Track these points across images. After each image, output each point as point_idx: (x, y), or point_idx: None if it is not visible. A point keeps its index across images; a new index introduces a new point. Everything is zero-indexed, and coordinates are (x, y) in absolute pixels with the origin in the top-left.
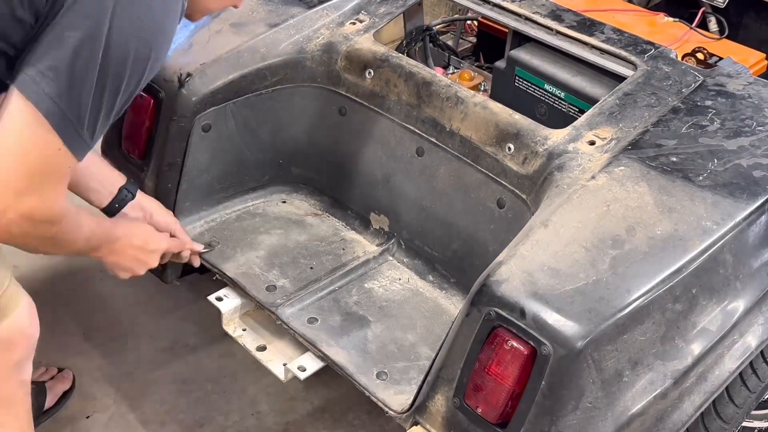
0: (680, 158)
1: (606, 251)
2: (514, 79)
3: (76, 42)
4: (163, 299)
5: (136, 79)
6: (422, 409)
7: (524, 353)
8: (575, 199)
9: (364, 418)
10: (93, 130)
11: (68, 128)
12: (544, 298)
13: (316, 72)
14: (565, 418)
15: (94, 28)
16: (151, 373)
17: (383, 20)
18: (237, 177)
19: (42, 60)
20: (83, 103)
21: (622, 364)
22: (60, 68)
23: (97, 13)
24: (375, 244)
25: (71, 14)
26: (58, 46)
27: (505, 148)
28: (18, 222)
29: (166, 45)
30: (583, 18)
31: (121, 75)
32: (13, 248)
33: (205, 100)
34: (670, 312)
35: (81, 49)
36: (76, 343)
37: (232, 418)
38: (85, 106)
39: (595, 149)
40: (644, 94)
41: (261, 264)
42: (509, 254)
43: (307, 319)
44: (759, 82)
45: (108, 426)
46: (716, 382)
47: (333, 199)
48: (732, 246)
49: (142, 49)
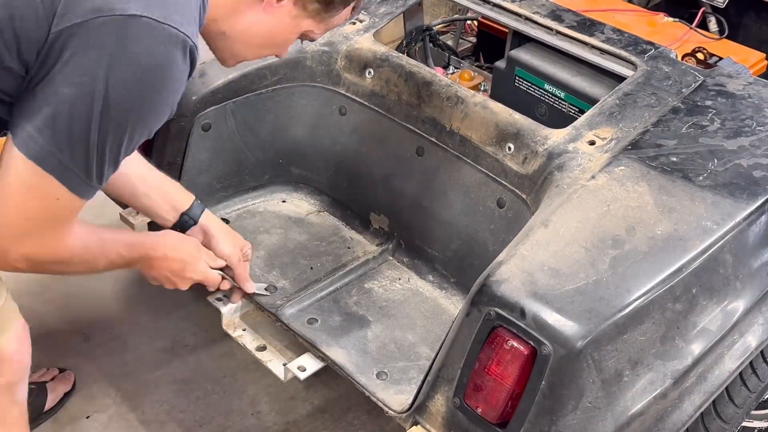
0: (680, 158)
1: (606, 251)
2: (514, 79)
3: (72, 98)
4: (163, 299)
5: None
6: (422, 409)
7: (524, 353)
8: (575, 199)
9: (364, 418)
10: (101, 175)
11: (72, 179)
12: (544, 298)
13: (316, 71)
14: (565, 418)
15: (90, 85)
16: (151, 373)
17: (383, 20)
18: (237, 176)
19: (38, 115)
20: (88, 154)
21: (622, 364)
22: (58, 124)
23: (92, 70)
24: (375, 243)
25: (67, 70)
26: (55, 102)
27: (505, 147)
28: (22, 261)
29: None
30: (583, 18)
31: (124, 126)
32: None
33: (205, 100)
34: (670, 312)
35: (77, 105)
36: (76, 343)
37: (232, 418)
38: (90, 157)
39: (595, 149)
40: (644, 94)
41: (261, 264)
42: (509, 254)
43: (307, 320)
44: (759, 82)
45: (108, 426)
46: (716, 382)
47: (333, 198)
48: (732, 246)
49: (145, 100)
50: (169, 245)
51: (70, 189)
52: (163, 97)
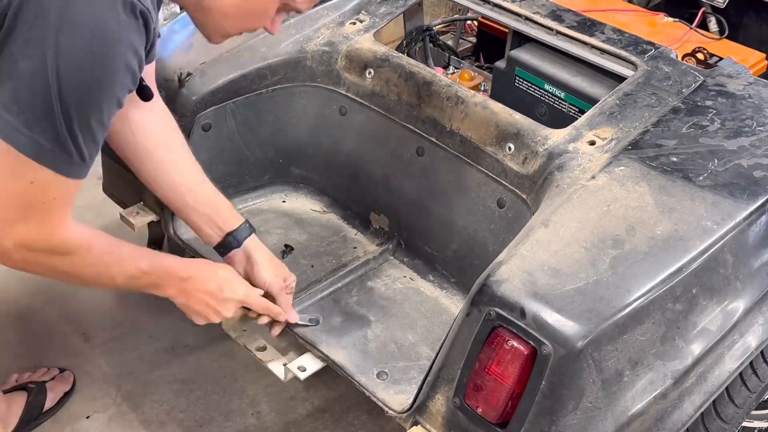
0: (680, 158)
1: (606, 251)
2: (514, 79)
3: (29, 72)
4: (164, 299)
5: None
6: (422, 409)
7: (524, 353)
8: (575, 199)
9: (364, 418)
10: (80, 151)
11: (49, 156)
12: (545, 298)
13: (317, 71)
14: (565, 418)
15: (42, 57)
16: (151, 373)
17: (383, 20)
18: (237, 176)
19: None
20: (55, 128)
21: (623, 364)
22: (21, 99)
23: (42, 40)
24: (375, 243)
25: (20, 42)
26: (15, 76)
27: (506, 147)
28: (16, 250)
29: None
30: (583, 18)
31: (84, 97)
32: None
33: (206, 100)
34: (670, 312)
35: (34, 79)
36: (76, 343)
37: (232, 418)
38: (59, 131)
39: (596, 149)
40: (644, 94)
41: None
42: (509, 254)
43: (307, 320)
44: (759, 82)
45: (108, 426)
46: (716, 382)
47: (333, 198)
48: (732, 246)
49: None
50: (200, 267)
51: (49, 167)
52: (117, 62)
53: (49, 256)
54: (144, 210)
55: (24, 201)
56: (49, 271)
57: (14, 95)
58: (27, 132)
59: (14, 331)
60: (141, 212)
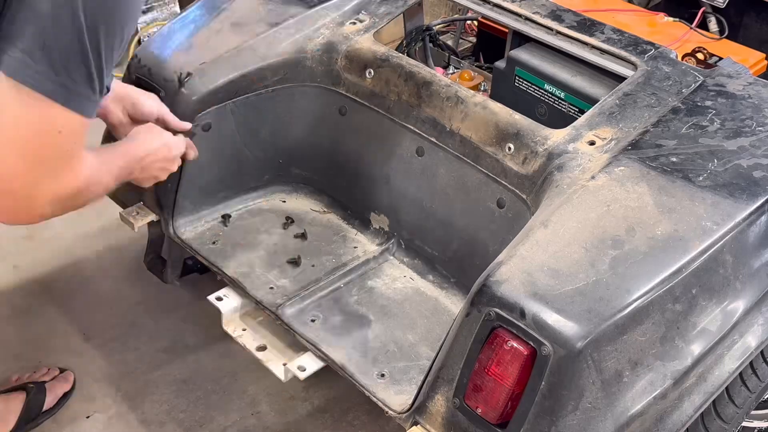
0: (680, 158)
1: (606, 251)
2: (514, 79)
3: (53, 11)
4: (163, 299)
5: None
6: (422, 409)
7: (524, 353)
8: (575, 199)
9: (364, 418)
10: (102, 85)
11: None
12: (544, 299)
13: (316, 72)
14: (565, 418)
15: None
16: (151, 373)
17: (383, 20)
18: (237, 176)
19: (23, 38)
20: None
21: (622, 365)
22: (48, 41)
23: None
24: (375, 243)
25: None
26: (36, 20)
27: (505, 148)
28: (50, 206)
29: None
30: (583, 18)
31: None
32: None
33: (206, 100)
34: (670, 312)
35: (61, 17)
36: (77, 343)
37: (232, 418)
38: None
39: (595, 149)
40: (644, 94)
41: (261, 264)
42: (509, 254)
43: (308, 319)
44: (759, 83)
45: (108, 426)
46: (716, 383)
47: (333, 198)
48: (732, 246)
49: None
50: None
51: (76, 111)
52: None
53: (75, 198)
54: (144, 210)
55: (53, 154)
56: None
57: (38, 39)
58: (54, 77)
59: (14, 331)
60: (141, 212)
